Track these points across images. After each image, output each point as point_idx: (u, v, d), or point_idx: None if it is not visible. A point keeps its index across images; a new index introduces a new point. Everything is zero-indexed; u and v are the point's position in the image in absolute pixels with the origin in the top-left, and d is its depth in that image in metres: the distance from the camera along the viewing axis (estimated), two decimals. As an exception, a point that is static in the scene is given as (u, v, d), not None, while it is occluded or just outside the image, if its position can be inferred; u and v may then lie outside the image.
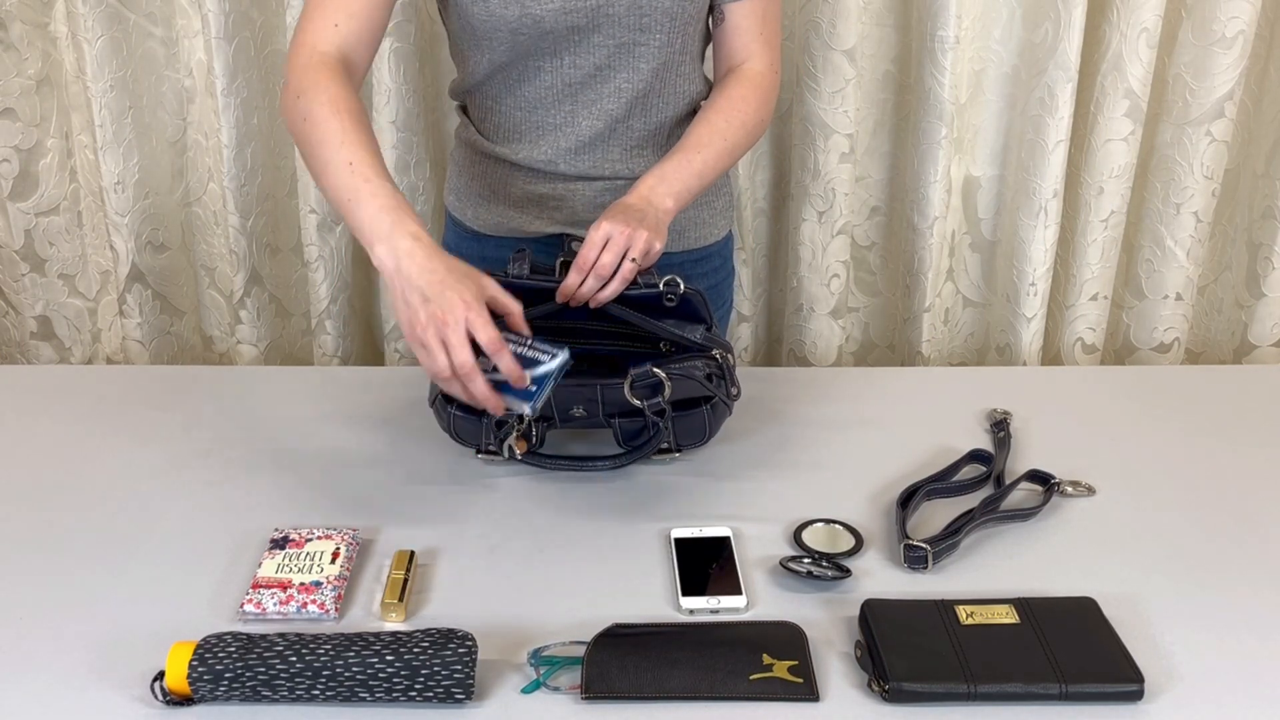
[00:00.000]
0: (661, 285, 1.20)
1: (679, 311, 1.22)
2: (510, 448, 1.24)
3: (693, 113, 1.40)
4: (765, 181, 1.96)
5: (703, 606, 1.06)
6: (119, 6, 1.76)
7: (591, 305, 1.20)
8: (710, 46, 1.40)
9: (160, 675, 0.94)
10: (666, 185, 1.24)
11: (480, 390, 1.05)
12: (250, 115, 1.81)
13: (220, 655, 0.93)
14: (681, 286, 1.20)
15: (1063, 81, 1.73)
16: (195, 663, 0.92)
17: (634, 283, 1.19)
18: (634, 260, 1.16)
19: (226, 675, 0.92)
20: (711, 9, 1.35)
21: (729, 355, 1.24)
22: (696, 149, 1.28)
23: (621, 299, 1.20)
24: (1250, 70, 1.79)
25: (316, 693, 0.93)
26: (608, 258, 1.16)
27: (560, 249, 1.33)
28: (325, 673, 0.92)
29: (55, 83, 1.84)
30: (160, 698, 0.94)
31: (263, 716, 0.93)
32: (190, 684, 0.93)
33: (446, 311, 1.03)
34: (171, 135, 1.89)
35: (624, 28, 1.27)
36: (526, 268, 1.22)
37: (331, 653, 0.93)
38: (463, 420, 1.23)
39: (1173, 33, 1.78)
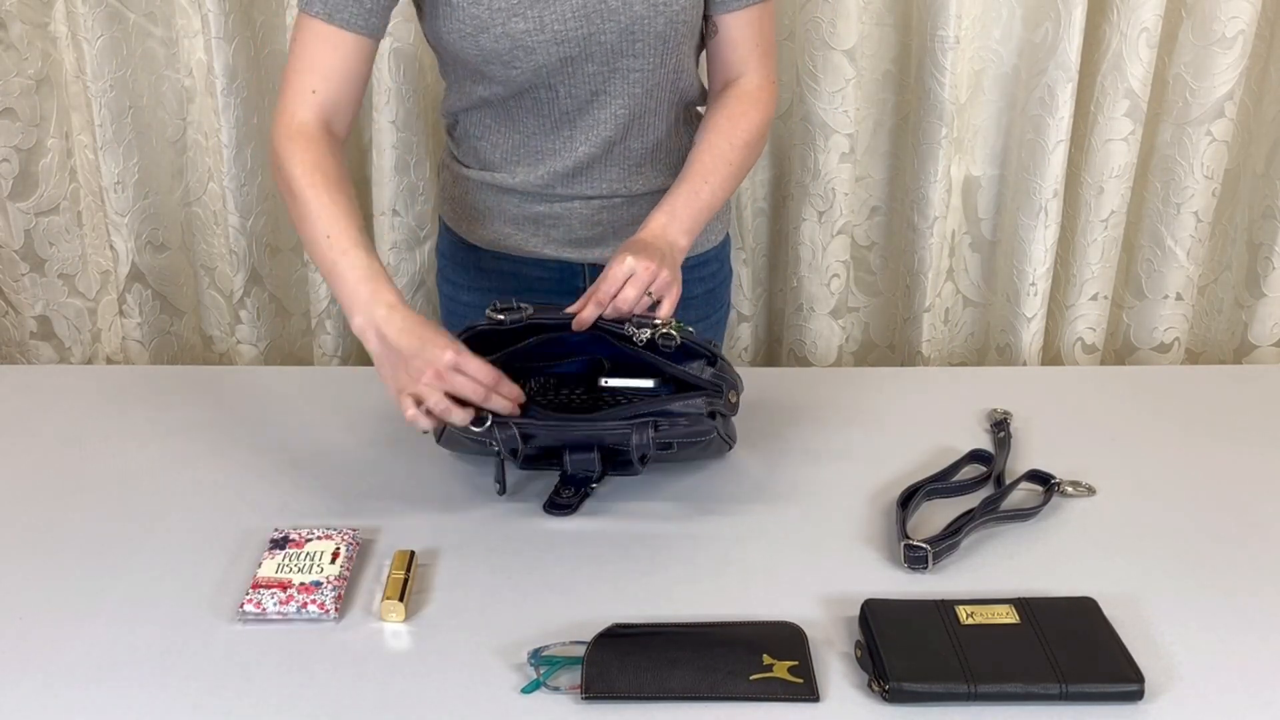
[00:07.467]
0: (658, 337, 1.17)
1: (676, 352, 1.20)
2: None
3: (689, 118, 1.39)
4: (765, 181, 1.96)
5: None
6: (119, 6, 1.76)
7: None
8: (704, 54, 1.39)
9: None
10: (678, 223, 1.23)
11: (459, 418, 1.11)
12: (250, 115, 1.81)
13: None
14: (677, 340, 1.17)
15: (1063, 81, 1.73)
16: None
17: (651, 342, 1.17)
18: (650, 295, 1.16)
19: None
20: (705, 20, 1.32)
21: (734, 393, 1.21)
22: (703, 178, 1.27)
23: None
24: (1250, 70, 1.79)
25: None
26: (631, 293, 1.15)
27: (557, 275, 1.36)
28: None
29: (55, 83, 1.84)
30: None
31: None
32: None
33: (429, 364, 1.08)
34: (171, 135, 1.89)
35: (616, 54, 1.25)
36: (523, 313, 1.20)
37: None
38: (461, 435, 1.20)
39: (1173, 33, 1.78)
